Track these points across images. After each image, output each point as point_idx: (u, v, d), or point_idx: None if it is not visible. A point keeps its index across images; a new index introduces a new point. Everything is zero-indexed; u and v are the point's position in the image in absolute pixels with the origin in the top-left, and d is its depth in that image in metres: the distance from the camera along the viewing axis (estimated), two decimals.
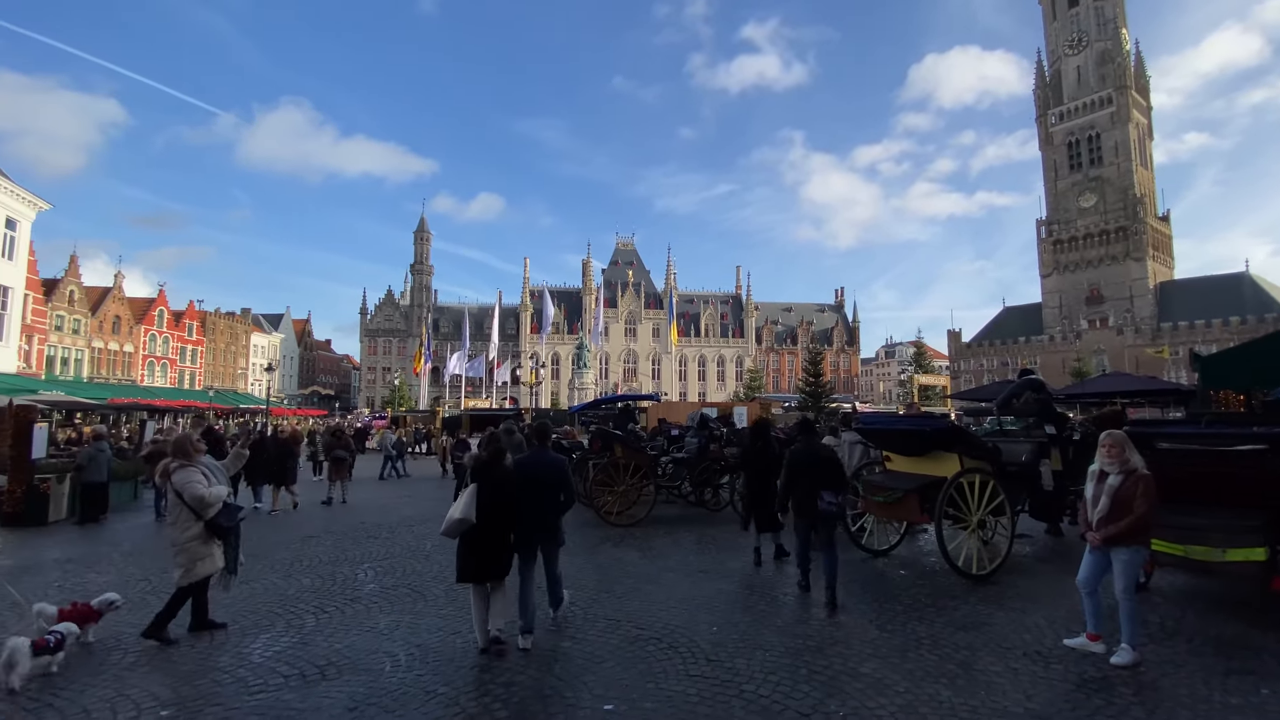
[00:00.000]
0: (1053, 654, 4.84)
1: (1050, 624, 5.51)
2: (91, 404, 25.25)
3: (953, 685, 4.30)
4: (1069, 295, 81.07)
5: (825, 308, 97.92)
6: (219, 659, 4.87)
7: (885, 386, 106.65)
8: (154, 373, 56.96)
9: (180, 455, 5.36)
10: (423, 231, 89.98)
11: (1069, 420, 8.92)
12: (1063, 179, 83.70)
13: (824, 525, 6.20)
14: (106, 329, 51.54)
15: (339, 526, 10.88)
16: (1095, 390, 16.08)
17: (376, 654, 4.91)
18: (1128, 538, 4.67)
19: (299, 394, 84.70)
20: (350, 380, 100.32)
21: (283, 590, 6.80)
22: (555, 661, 4.78)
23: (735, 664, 4.68)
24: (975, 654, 4.85)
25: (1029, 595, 6.41)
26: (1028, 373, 9.12)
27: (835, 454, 6.91)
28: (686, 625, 5.56)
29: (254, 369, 73.29)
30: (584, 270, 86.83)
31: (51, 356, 44.04)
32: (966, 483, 7.04)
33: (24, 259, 26.74)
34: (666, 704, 4.07)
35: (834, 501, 6.18)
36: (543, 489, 5.41)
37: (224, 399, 41.26)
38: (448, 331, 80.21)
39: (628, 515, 10.70)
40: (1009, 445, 8.30)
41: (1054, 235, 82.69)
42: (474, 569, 4.99)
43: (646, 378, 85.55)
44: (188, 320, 62.60)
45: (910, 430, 7.84)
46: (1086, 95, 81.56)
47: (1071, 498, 8.20)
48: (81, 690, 4.30)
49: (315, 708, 4.02)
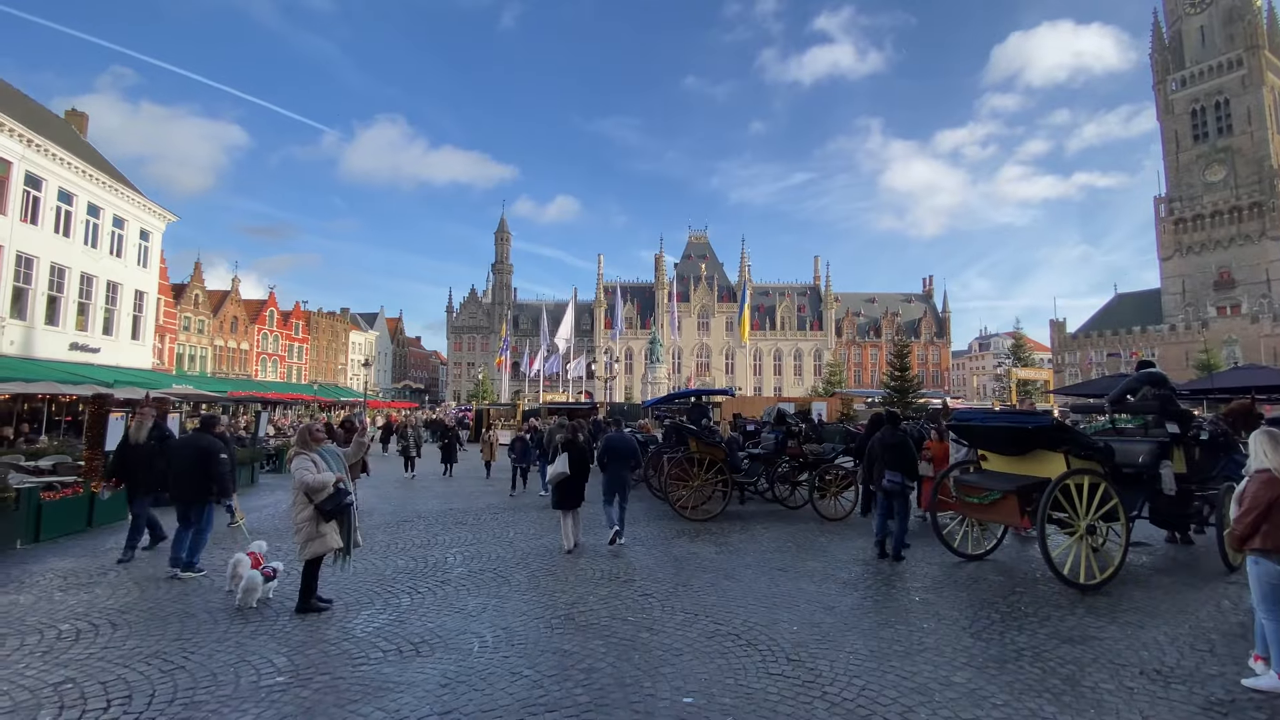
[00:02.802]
0: (1174, 673, 4.41)
1: (1171, 641, 5.02)
2: (214, 396, 27.90)
3: (1058, 701, 4.01)
4: (1193, 280, 73.15)
5: (912, 298, 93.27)
6: (326, 632, 5.27)
7: (979, 381, 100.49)
8: (265, 368, 62.13)
9: (300, 444, 5.91)
10: (503, 232, 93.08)
11: (1194, 418, 8.04)
12: (1185, 151, 75.52)
13: (892, 499, 7.77)
14: (226, 328, 56.67)
15: (429, 512, 11.48)
16: (1226, 385, 14.40)
17: (465, 634, 5.15)
18: (1238, 544, 4.24)
19: (392, 388, 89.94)
20: (438, 375, 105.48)
21: (380, 570, 7.27)
22: (634, 651, 4.84)
23: (818, 665, 4.57)
24: (1083, 669, 4.49)
25: (1146, 609, 5.87)
26: (1145, 365, 8.28)
27: (903, 441, 8.02)
28: (766, 623, 5.48)
29: (352, 364, 78.38)
30: (656, 265, 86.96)
31: (180, 354, 48.97)
32: (1074, 485, 6.52)
33: (156, 266, 29.83)
34: (746, 700, 4.03)
35: (894, 480, 7.75)
36: (620, 456, 8.88)
37: (327, 392, 44.47)
38: (526, 328, 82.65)
39: (703, 510, 10.66)
40: (1124, 445, 7.59)
41: (1176, 214, 74.79)
42: (565, 502, 8.35)
43: (720, 372, 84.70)
44: (294, 320, 67.78)
45: (1010, 427, 7.30)
46: (1212, 58, 73.07)
47: (1198, 503, 7.43)
48: (209, 655, 4.77)
49: (411, 682, 4.28)
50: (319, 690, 4.18)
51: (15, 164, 20.30)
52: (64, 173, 22.46)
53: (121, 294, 25.75)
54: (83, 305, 23.63)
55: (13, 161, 20.22)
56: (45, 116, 25.84)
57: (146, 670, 4.49)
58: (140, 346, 27.52)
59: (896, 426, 8.29)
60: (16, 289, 20.55)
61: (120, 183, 25.82)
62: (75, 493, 9.55)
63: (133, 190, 26.63)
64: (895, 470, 7.79)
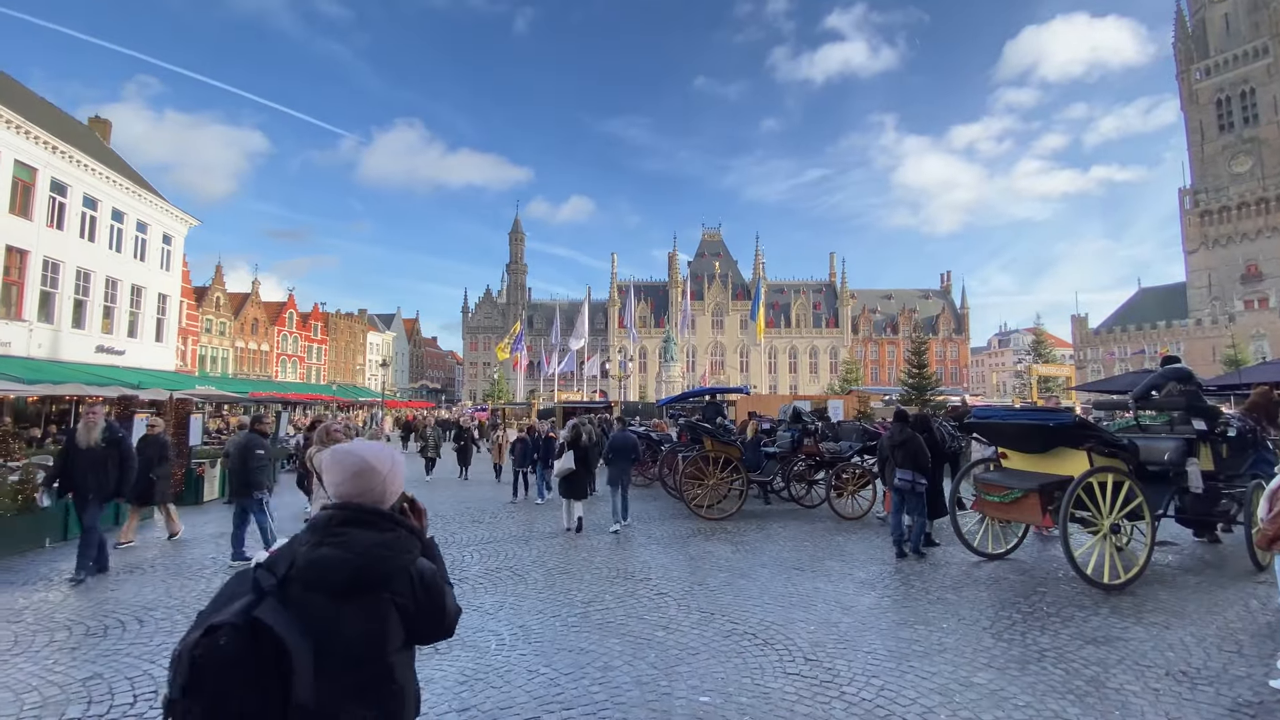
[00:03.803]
0: (1200, 675, 4.32)
1: (1198, 642, 4.91)
2: (236, 397, 28.37)
3: (1081, 703, 3.94)
4: (1220, 273, 71.54)
5: (930, 294, 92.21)
6: None
7: (999, 378, 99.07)
8: (285, 369, 63.01)
9: (320, 442, 6.26)
10: (517, 232, 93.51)
11: (1221, 414, 7.85)
12: (1210, 142, 73.85)
13: (905, 497, 7.88)
14: (247, 330, 57.55)
15: (446, 510, 11.57)
16: (1255, 380, 14.08)
17: (483, 632, 5.19)
18: (1268, 543, 4.12)
19: (409, 388, 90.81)
20: (454, 375, 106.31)
21: None
22: (650, 649, 4.84)
23: (835, 665, 4.54)
24: (1107, 670, 4.41)
25: (1172, 609, 5.75)
26: (1170, 360, 8.10)
27: (915, 440, 8.03)
28: (782, 622, 5.45)
29: (370, 365, 79.21)
30: (669, 263, 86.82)
31: (203, 355, 49.84)
32: (1097, 483, 6.40)
33: (178, 269, 30.40)
34: (763, 700, 4.01)
35: (905, 478, 7.82)
36: (623, 451, 10.06)
37: (345, 392, 45.00)
38: (541, 327, 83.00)
39: (718, 509, 10.63)
40: (1149, 443, 7.43)
41: (1201, 206, 73.15)
42: (570, 493, 9.58)
43: (735, 370, 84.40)
44: (313, 321, 68.65)
45: (1031, 424, 7.19)
46: (1237, 46, 71.37)
47: (1226, 502, 7.26)
48: None
49: (430, 679, 4.31)
50: None
51: (41, 170, 20.78)
52: (88, 179, 22.95)
53: (145, 297, 26.27)
54: (108, 308, 24.14)
55: (39, 168, 20.69)
56: (70, 124, 26.42)
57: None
58: (164, 348, 28.06)
59: (905, 424, 8.31)
60: (44, 293, 21.04)
61: (142, 188, 26.33)
62: None
63: (155, 195, 27.15)
64: (905, 469, 7.89)
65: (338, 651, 1.49)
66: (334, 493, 1.71)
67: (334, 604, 1.52)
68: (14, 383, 14.79)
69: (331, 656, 1.47)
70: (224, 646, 1.36)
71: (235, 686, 1.37)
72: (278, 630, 1.40)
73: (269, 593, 1.49)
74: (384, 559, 1.59)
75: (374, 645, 1.56)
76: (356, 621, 1.53)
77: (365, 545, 1.58)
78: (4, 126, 19.30)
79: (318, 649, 1.45)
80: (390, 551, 1.61)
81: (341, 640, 1.50)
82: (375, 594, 1.56)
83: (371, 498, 1.69)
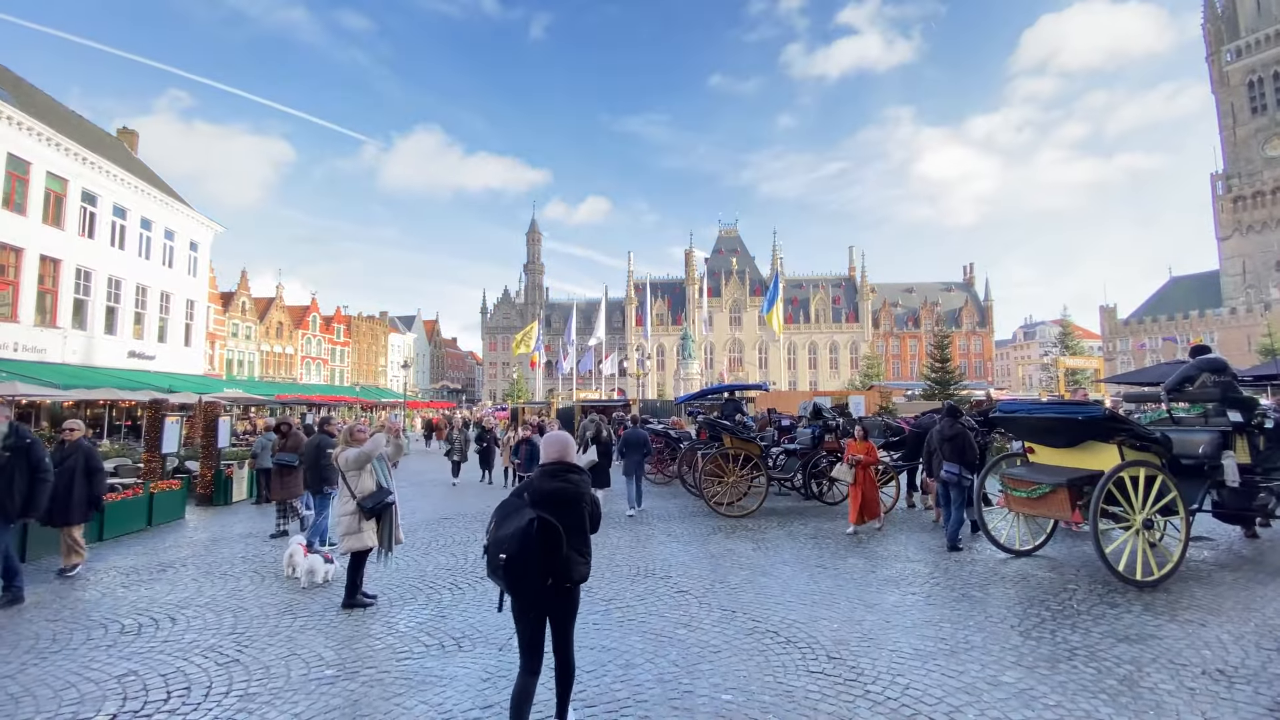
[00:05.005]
0: (1238, 673, 4.20)
1: (1236, 640, 4.77)
2: (262, 399, 28.99)
3: (1114, 702, 3.85)
4: (1255, 260, 69.34)
5: (952, 286, 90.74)
6: (371, 626, 5.41)
7: (1025, 371, 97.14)
8: (309, 371, 64.06)
9: (346, 441, 6.26)
10: (534, 233, 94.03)
11: (1258, 405, 7.60)
12: (1243, 125, 71.57)
13: (950, 489, 8.06)
14: (271, 334, 58.60)
15: (469, 510, 11.67)
16: None
17: (504, 630, 5.21)
18: None
19: (430, 388, 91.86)
20: (474, 375, 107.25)
21: (422, 566, 7.43)
22: (672, 647, 4.83)
23: (859, 663, 4.49)
24: (1141, 669, 4.30)
25: (1209, 607, 5.59)
26: (1202, 350, 7.86)
27: (964, 435, 8.19)
28: (805, 620, 5.40)
29: (392, 366, 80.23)
30: (686, 261, 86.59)
31: (230, 359, 50.86)
32: (1129, 477, 6.24)
33: (205, 275, 31.08)
34: (786, 698, 3.98)
35: (952, 471, 7.99)
36: (636, 445, 11.36)
37: (368, 394, 45.69)
38: (558, 326, 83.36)
39: (739, 506, 10.58)
40: (1182, 435, 7.23)
41: (1234, 191, 70.99)
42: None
43: (753, 366, 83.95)
44: (336, 324, 69.68)
45: (1060, 418, 7.02)
46: (1270, 25, 68.98)
47: (1264, 495, 7.04)
48: (262, 649, 4.94)
49: (453, 676, 4.35)
50: (365, 683, 4.29)
51: (72, 181, 21.36)
52: (117, 188, 23.53)
53: (173, 303, 26.88)
54: (138, 314, 24.75)
55: (69, 179, 21.27)
56: (99, 135, 27.12)
57: (204, 663, 4.68)
58: (192, 352, 28.70)
59: (956, 419, 8.48)
60: (77, 300, 21.64)
61: (169, 196, 26.95)
62: (135, 494, 10.01)
63: (181, 203, 27.77)
64: (953, 462, 8.07)
65: (570, 529, 3.21)
66: (547, 455, 3.49)
67: (564, 509, 3.25)
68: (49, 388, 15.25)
69: (569, 532, 3.20)
70: (537, 527, 3.09)
71: (537, 546, 3.09)
72: (552, 520, 3.13)
73: (532, 505, 3.21)
74: (581, 487, 3.40)
75: (580, 527, 3.31)
76: (573, 517, 3.27)
77: (574, 481, 3.39)
78: (35, 139, 19.87)
79: (563, 528, 3.16)
80: (583, 485, 3.43)
81: (569, 524, 3.21)
82: (579, 504, 3.34)
83: (568, 457, 3.50)
